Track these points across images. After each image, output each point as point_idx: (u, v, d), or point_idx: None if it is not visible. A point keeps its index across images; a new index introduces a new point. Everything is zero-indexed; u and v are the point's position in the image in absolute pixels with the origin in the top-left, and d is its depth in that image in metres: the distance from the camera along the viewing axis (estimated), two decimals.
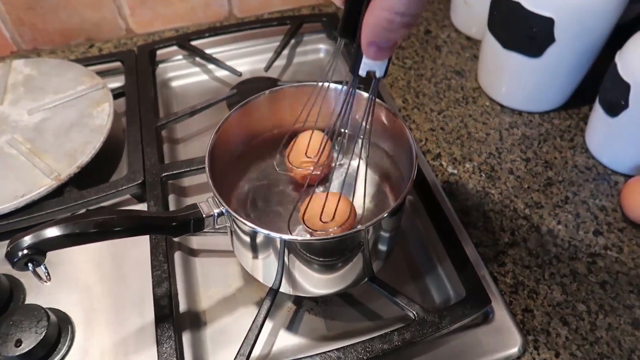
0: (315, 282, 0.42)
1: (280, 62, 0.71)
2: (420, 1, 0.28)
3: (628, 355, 0.43)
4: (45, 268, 0.34)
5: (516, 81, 0.61)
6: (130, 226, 0.35)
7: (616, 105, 0.52)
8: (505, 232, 0.52)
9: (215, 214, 0.39)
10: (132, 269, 0.49)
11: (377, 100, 0.45)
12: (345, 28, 0.32)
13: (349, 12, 0.31)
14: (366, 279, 0.44)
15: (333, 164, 0.47)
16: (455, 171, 0.57)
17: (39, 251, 0.32)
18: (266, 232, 0.36)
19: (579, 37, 0.54)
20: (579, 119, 0.63)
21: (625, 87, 0.50)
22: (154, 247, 0.47)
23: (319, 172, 0.44)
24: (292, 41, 0.72)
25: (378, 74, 0.33)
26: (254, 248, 0.40)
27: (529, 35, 0.55)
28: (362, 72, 0.33)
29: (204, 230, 0.40)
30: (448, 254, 0.47)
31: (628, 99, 0.50)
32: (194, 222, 0.38)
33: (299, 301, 0.47)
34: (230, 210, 0.37)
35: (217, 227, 0.40)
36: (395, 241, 0.46)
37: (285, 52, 0.71)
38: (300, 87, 0.46)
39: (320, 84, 0.42)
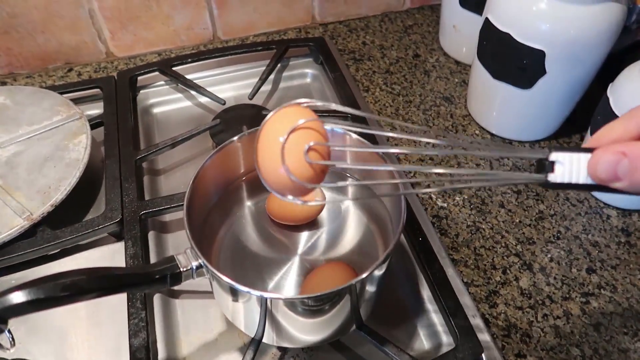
0: (300, 332, 0.40)
1: (266, 87, 0.69)
2: None
3: None
4: (10, 333, 0.32)
5: (506, 111, 0.60)
6: (102, 286, 0.33)
7: None
8: (497, 270, 0.50)
9: (194, 267, 0.37)
10: (109, 313, 0.47)
11: (365, 140, 0.44)
12: None
13: None
14: (354, 326, 0.42)
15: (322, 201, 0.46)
16: (445, 204, 0.56)
17: (0, 319, 0.30)
18: (246, 289, 0.34)
19: (570, 69, 0.53)
20: None
21: None
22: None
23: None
24: (278, 66, 0.70)
25: None
26: (235, 300, 0.38)
27: (519, 66, 0.53)
28: None
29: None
30: (437, 297, 0.45)
31: None
32: (171, 277, 0.36)
33: (284, 347, 0.45)
34: (208, 265, 0.35)
35: (196, 279, 0.38)
36: (384, 286, 0.44)
37: (271, 77, 0.69)
38: None
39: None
